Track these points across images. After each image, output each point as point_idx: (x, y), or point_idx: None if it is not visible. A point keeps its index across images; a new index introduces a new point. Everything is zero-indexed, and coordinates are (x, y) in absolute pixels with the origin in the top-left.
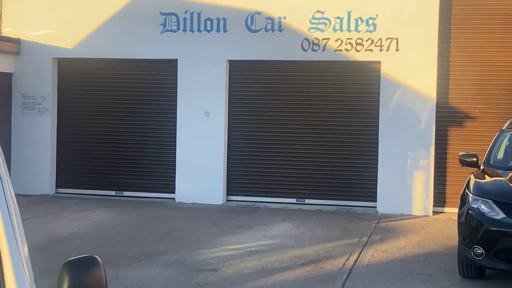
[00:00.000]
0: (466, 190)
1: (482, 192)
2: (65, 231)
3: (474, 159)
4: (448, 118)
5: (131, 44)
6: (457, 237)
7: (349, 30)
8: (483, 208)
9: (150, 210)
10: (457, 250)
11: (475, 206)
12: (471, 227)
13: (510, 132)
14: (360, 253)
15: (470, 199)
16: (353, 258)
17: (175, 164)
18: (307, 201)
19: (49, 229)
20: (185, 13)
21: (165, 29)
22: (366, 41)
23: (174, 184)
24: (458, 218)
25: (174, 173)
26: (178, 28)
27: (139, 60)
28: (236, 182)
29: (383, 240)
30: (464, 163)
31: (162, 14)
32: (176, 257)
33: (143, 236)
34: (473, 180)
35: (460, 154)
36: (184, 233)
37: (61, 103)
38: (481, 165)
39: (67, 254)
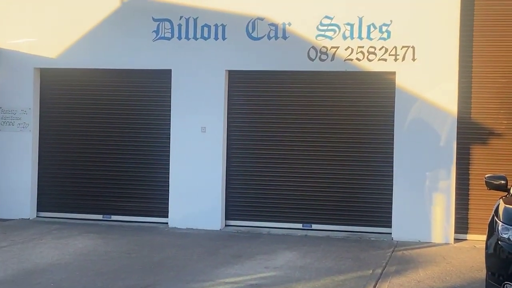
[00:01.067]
0: (495, 217)
1: None
2: (43, 261)
3: (503, 181)
4: (470, 135)
5: (120, 53)
6: (484, 270)
7: (360, 37)
8: None
9: (140, 237)
10: (484, 286)
11: (506, 236)
12: (501, 260)
13: None
14: (374, 287)
15: (499, 228)
16: None
17: (168, 185)
18: (314, 226)
19: (25, 259)
20: (180, 19)
21: (158, 37)
22: (380, 49)
23: (167, 208)
24: (485, 250)
25: (167, 195)
26: (173, 36)
27: (129, 70)
28: (236, 205)
29: (400, 272)
30: (491, 186)
31: (154, 20)
32: None
33: (131, 267)
34: (502, 206)
35: (486, 176)
36: (177, 264)
37: (43, 118)
38: (511, 188)
39: None
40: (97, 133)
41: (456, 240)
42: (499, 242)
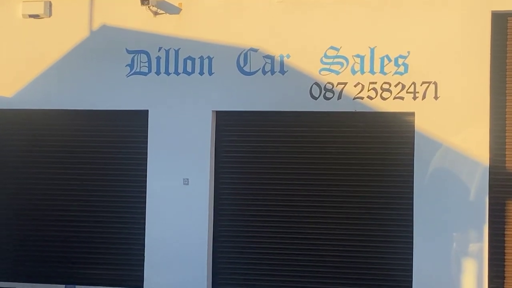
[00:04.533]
0: None
1: None
2: None
3: None
4: (506, 188)
5: (88, 92)
6: None
7: (372, 72)
8: None
9: None
10: None
11: None
12: None
13: None
14: None
15: None
16: None
17: (144, 249)
18: None
19: None
20: (159, 50)
21: (132, 72)
22: (395, 86)
23: (143, 276)
24: None
25: (143, 261)
26: (150, 70)
27: (98, 111)
28: (225, 273)
29: None
30: None
31: (128, 52)
32: None
33: None
34: None
35: None
36: None
37: None
38: None
39: None
40: (59, 186)
41: None
42: None
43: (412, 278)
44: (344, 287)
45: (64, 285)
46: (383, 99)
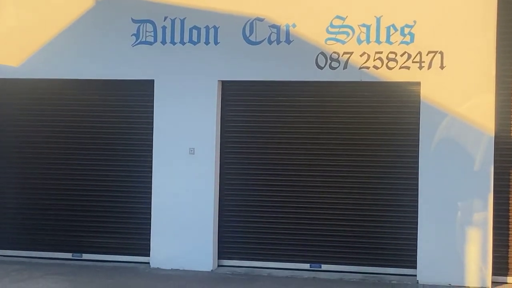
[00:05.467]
0: None
1: None
2: None
3: None
4: (511, 157)
5: (93, 61)
6: None
7: (378, 41)
8: None
9: (115, 279)
10: None
11: None
12: None
13: None
14: None
15: None
16: None
17: (150, 218)
18: (324, 267)
19: None
20: (165, 20)
21: (138, 41)
22: (401, 55)
23: (149, 244)
24: None
25: (149, 229)
26: (155, 40)
27: (104, 81)
28: (231, 242)
29: None
30: None
31: (134, 21)
32: None
33: None
34: None
35: None
36: None
37: (2, 137)
38: None
39: None
40: (65, 156)
41: (495, 283)
42: None
43: (416, 246)
44: (348, 255)
45: (71, 254)
46: (389, 68)
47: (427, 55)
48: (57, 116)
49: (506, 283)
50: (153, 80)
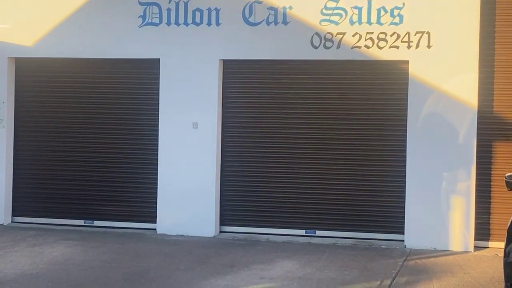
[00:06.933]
0: None
1: None
2: (12, 271)
3: None
4: (492, 131)
5: (103, 41)
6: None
7: (369, 22)
8: None
9: (124, 245)
10: None
11: None
12: None
13: None
14: None
15: None
16: None
17: (156, 188)
18: (318, 233)
19: None
20: (169, 2)
21: (144, 22)
22: (391, 35)
23: (155, 212)
24: (504, 257)
25: (155, 198)
26: (161, 21)
27: (112, 60)
28: (232, 210)
29: (411, 284)
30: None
31: (141, 3)
32: None
33: (108, 278)
34: None
35: (506, 175)
36: (161, 274)
37: (19, 112)
38: None
39: None
40: (78, 130)
41: (477, 248)
42: None
43: (404, 214)
44: (341, 222)
45: (83, 221)
46: (379, 48)
47: (415, 35)
48: (70, 93)
49: (488, 247)
50: (158, 59)
